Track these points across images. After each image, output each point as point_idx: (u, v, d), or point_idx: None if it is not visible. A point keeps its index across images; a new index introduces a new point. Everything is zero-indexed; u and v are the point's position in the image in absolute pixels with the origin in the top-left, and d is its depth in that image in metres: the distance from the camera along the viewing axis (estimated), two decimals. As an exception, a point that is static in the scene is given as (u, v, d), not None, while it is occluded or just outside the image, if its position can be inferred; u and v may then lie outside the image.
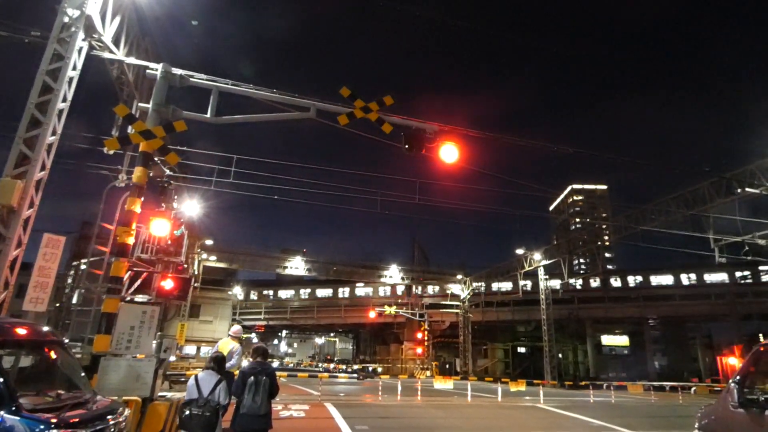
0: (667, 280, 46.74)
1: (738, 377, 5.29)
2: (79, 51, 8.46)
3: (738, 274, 42.57)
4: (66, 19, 8.19)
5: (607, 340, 53.63)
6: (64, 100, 8.24)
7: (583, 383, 30.07)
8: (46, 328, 4.67)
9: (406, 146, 10.09)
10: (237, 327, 9.50)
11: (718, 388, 26.48)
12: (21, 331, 4.02)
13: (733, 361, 37.22)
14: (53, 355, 4.24)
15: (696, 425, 6.91)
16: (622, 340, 53.66)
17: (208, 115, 9.22)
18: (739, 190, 19.43)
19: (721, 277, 43.73)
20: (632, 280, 47.99)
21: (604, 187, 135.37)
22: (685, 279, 46.06)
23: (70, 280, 37.83)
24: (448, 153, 10.18)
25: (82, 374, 4.55)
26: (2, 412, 3.08)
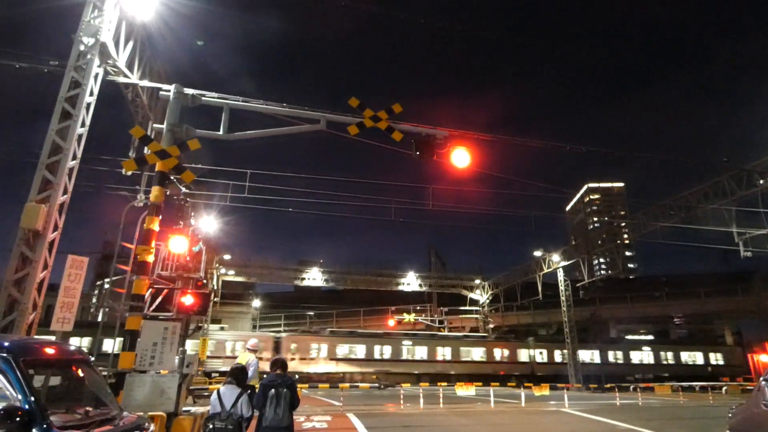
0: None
1: (769, 375, 5.15)
2: (95, 77, 8.74)
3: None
4: (82, 47, 8.49)
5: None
6: (83, 125, 8.51)
7: (608, 385, 29.40)
8: (73, 347, 4.80)
9: (417, 153, 10.16)
10: (254, 340, 9.63)
11: (750, 387, 25.64)
12: (50, 351, 4.15)
13: (765, 359, 36.04)
14: (81, 373, 4.35)
15: (727, 425, 6.73)
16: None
17: (221, 132, 9.41)
18: (761, 182, 18.98)
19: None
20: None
21: (621, 184, 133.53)
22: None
23: (94, 300, 38.77)
24: (460, 158, 10.21)
25: (109, 391, 4.65)
26: (34, 430, 3.18)
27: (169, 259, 11.90)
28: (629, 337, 51.68)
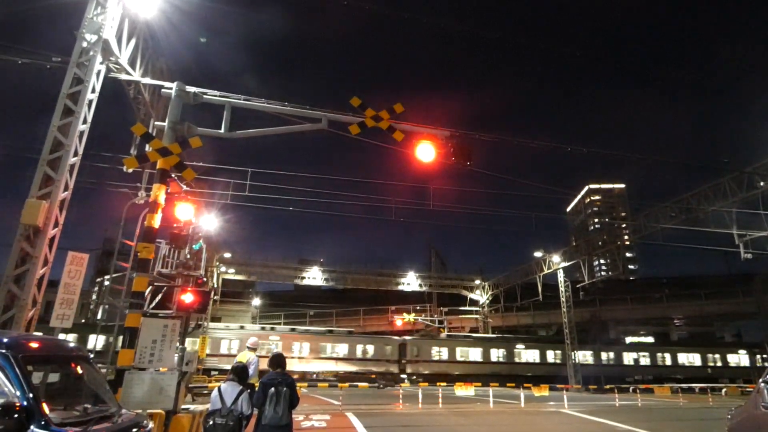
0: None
1: (768, 377, 5.15)
2: (98, 74, 8.74)
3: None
4: (84, 44, 8.49)
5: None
6: (85, 121, 8.51)
7: (608, 387, 29.40)
8: (72, 344, 4.80)
9: (418, 153, 10.16)
10: (254, 339, 9.60)
11: (750, 389, 25.61)
12: (49, 347, 4.14)
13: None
14: (79, 370, 4.33)
15: (726, 427, 6.72)
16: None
17: (222, 131, 9.39)
18: (762, 183, 18.97)
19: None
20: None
21: (622, 185, 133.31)
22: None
23: (94, 296, 38.82)
24: (461, 157, 10.21)
25: (108, 388, 4.65)
26: (32, 426, 3.17)
27: (170, 257, 11.91)
28: (629, 339, 51.74)
